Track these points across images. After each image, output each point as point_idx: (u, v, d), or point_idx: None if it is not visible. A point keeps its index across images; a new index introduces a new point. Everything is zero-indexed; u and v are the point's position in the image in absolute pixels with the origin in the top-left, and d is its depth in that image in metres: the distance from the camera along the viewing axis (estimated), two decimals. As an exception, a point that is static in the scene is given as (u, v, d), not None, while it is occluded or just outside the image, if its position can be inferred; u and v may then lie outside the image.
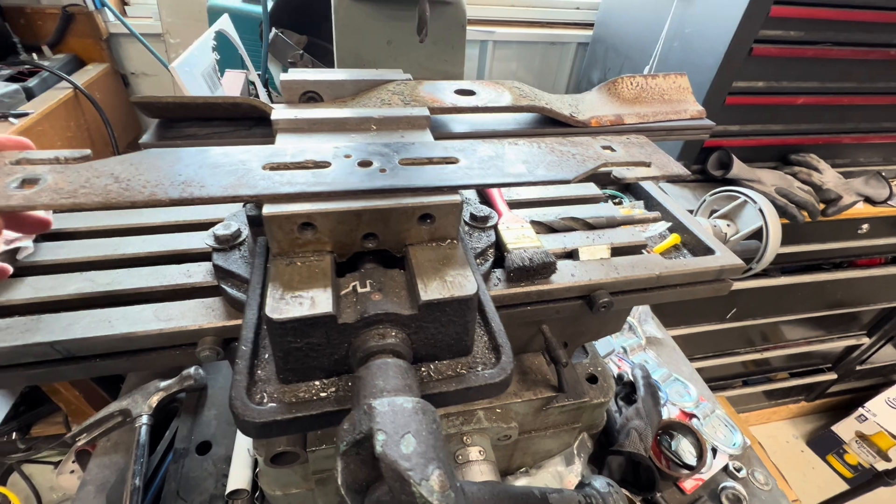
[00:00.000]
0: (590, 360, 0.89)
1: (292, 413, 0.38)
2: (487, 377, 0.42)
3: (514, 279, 0.65)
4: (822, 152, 1.70)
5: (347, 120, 0.55)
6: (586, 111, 0.69)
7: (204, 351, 0.57)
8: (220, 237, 0.63)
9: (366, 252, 0.47)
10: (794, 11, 1.30)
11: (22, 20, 1.58)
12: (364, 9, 0.91)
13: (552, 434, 0.83)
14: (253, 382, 0.41)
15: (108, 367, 0.58)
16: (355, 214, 0.42)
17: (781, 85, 1.46)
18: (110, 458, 0.90)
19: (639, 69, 1.67)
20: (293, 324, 0.37)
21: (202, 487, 0.82)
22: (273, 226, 0.40)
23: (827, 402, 2.94)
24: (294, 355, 0.39)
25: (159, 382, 0.93)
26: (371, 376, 0.35)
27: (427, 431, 0.31)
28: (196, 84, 0.90)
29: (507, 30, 2.06)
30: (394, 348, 0.39)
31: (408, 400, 0.32)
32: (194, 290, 0.62)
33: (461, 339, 0.43)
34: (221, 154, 0.46)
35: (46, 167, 0.42)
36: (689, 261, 0.76)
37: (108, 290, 0.60)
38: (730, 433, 1.01)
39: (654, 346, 1.24)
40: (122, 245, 0.68)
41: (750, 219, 1.00)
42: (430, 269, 0.43)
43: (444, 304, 0.40)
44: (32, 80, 1.41)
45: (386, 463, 0.28)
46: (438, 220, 0.44)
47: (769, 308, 2.08)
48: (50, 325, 0.55)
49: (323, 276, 0.41)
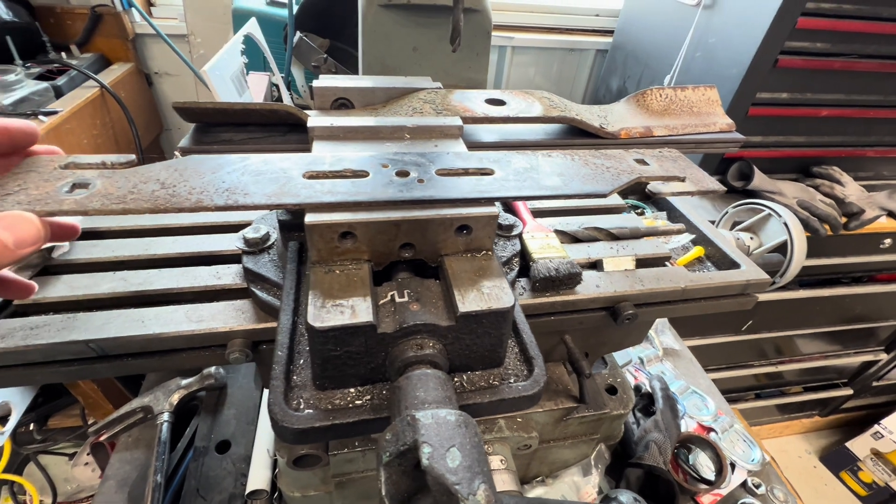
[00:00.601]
0: (609, 370, 0.88)
1: (330, 420, 0.39)
2: (521, 389, 0.42)
3: (539, 289, 0.65)
4: (845, 165, 1.67)
5: (381, 128, 0.56)
6: (615, 123, 0.69)
7: (234, 353, 0.57)
8: (250, 240, 0.63)
9: (400, 261, 0.47)
10: (821, 23, 1.29)
11: (52, 19, 1.61)
12: (392, 16, 0.92)
13: (570, 444, 0.83)
14: (290, 388, 0.42)
15: (139, 367, 0.59)
16: (394, 224, 0.42)
17: (806, 97, 1.44)
18: (131, 453, 0.91)
19: (659, 78, 1.66)
20: (334, 332, 0.37)
21: (221, 486, 0.82)
22: (314, 234, 0.41)
23: (841, 418, 2.89)
24: (332, 363, 0.40)
25: (180, 380, 0.94)
26: (412, 387, 0.36)
27: (471, 445, 0.31)
28: (226, 87, 0.91)
29: (526, 35, 2.06)
30: (432, 359, 0.39)
31: (451, 413, 0.32)
32: (223, 292, 0.63)
33: (495, 350, 0.44)
34: (262, 161, 0.46)
35: (95, 172, 0.43)
36: (715, 274, 0.75)
37: (141, 290, 0.61)
38: (748, 448, 1.00)
39: (671, 357, 1.23)
40: (152, 245, 0.69)
41: (774, 232, 0.99)
42: (466, 281, 0.43)
43: (482, 315, 0.40)
44: (61, 79, 1.44)
45: (433, 476, 0.29)
46: (475, 231, 0.45)
47: (786, 321, 2.06)
48: (85, 323, 0.56)
49: (362, 285, 0.41)
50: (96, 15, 1.62)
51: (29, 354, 0.54)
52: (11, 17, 1.41)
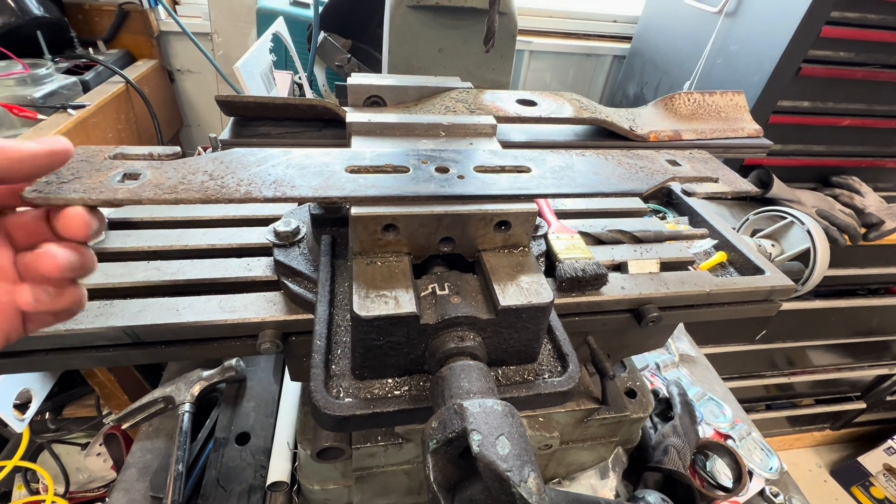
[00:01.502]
0: (628, 374, 0.88)
1: (370, 409, 0.39)
2: (556, 385, 0.43)
3: (566, 289, 0.65)
4: (865, 175, 1.66)
5: (417, 125, 0.57)
6: (644, 125, 0.69)
7: (265, 343, 0.58)
8: (281, 233, 0.64)
9: (437, 255, 0.48)
10: (845, 32, 1.28)
11: (80, 16, 1.65)
12: (419, 17, 0.93)
13: (589, 446, 0.83)
14: (329, 377, 0.42)
15: (172, 354, 0.60)
16: (436, 218, 0.43)
17: (827, 106, 1.43)
18: (152, 442, 0.92)
19: (678, 84, 1.66)
20: (379, 322, 0.38)
21: (241, 477, 0.83)
22: (359, 226, 0.42)
23: (854, 432, 2.84)
24: (374, 352, 0.40)
25: (202, 372, 0.95)
26: (455, 377, 0.36)
27: (518, 434, 0.31)
28: (255, 83, 0.93)
29: (544, 40, 2.07)
30: (472, 351, 0.39)
31: (497, 402, 0.33)
32: (254, 284, 0.64)
33: (531, 345, 0.44)
34: (304, 156, 0.47)
35: (143, 163, 0.44)
36: (739, 279, 0.75)
37: (174, 279, 0.63)
38: (766, 457, 0.99)
39: (688, 363, 1.22)
40: (184, 237, 0.70)
41: (797, 240, 0.98)
42: (504, 276, 0.43)
43: (522, 310, 0.41)
44: (88, 74, 1.47)
45: (484, 463, 0.29)
46: (514, 227, 0.45)
47: (800, 331, 2.04)
48: (122, 310, 0.57)
49: (403, 277, 0.42)
50: (123, 12, 1.65)
51: (68, 339, 0.55)
52: (42, 12, 1.44)
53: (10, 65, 1.33)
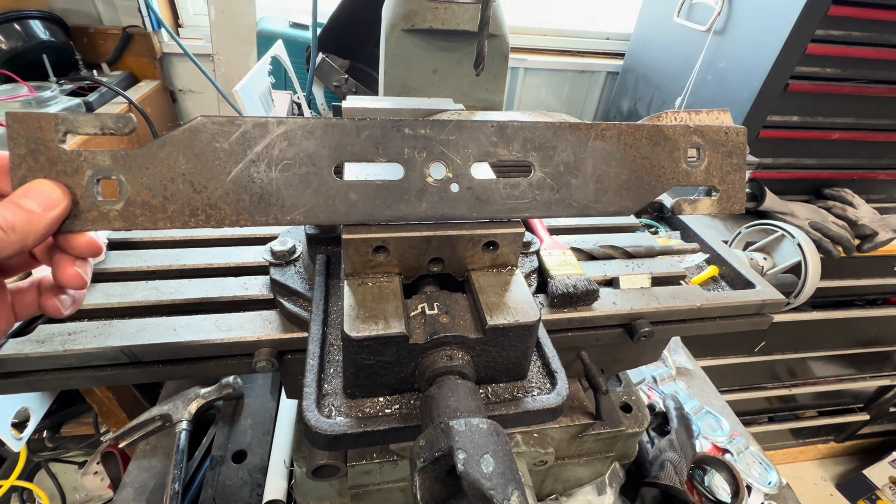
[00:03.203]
0: (623, 388, 0.89)
1: (361, 427, 0.40)
2: (545, 402, 0.44)
3: (557, 305, 0.66)
4: (857, 187, 1.68)
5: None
6: (632, 144, 0.71)
7: (260, 361, 0.59)
8: (277, 253, 0.66)
9: (427, 275, 0.49)
10: (830, 49, 1.32)
11: (85, 39, 1.69)
12: (414, 39, 0.96)
13: (585, 462, 0.83)
14: (321, 396, 0.43)
15: (169, 373, 0.61)
16: (426, 240, 0.44)
17: (816, 120, 1.46)
18: (149, 461, 0.92)
19: (670, 100, 1.69)
20: (368, 342, 0.39)
21: (238, 496, 0.83)
22: (350, 248, 0.43)
23: (858, 444, 2.81)
24: (365, 371, 0.41)
25: (199, 389, 0.96)
26: (443, 396, 0.37)
27: (503, 452, 0.32)
28: (254, 106, 0.95)
29: (539, 58, 2.11)
30: (460, 370, 0.40)
31: (482, 421, 0.34)
32: (251, 303, 0.66)
33: (520, 363, 0.45)
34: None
35: (106, 157, 0.38)
36: (730, 294, 0.76)
37: (172, 298, 0.64)
38: (765, 471, 0.99)
39: (685, 376, 1.22)
40: (182, 256, 0.72)
41: (788, 253, 1.00)
42: (492, 295, 0.45)
43: (509, 329, 0.42)
44: (92, 95, 1.50)
45: (468, 481, 0.30)
46: (502, 247, 0.46)
47: (799, 343, 2.04)
48: (121, 330, 0.58)
49: (393, 297, 0.43)
50: (127, 35, 1.70)
51: (66, 359, 0.56)
52: (48, 36, 1.48)
53: (16, 87, 1.36)
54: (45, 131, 0.36)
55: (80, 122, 0.37)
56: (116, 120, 0.38)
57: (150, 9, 1.65)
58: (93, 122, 0.38)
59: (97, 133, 0.38)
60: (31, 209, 0.35)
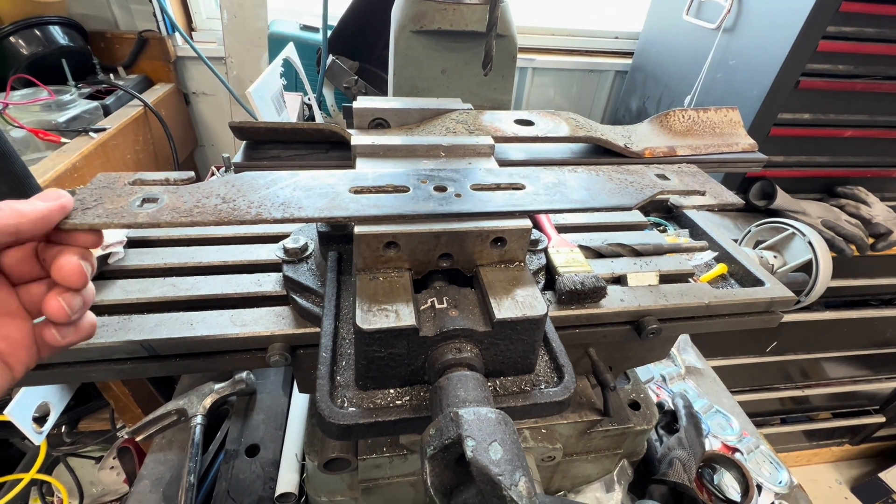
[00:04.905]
0: (632, 386, 0.89)
1: (373, 418, 0.41)
2: (552, 395, 0.44)
3: (565, 302, 0.67)
4: (870, 185, 1.66)
5: (418, 147, 0.60)
6: (640, 142, 0.72)
7: (274, 356, 0.61)
8: (290, 250, 0.67)
9: (437, 270, 0.50)
10: (842, 46, 1.30)
11: (102, 43, 1.73)
12: (422, 40, 0.97)
13: (593, 459, 0.84)
14: (334, 387, 0.45)
15: (186, 367, 0.63)
16: (435, 236, 0.45)
17: (828, 117, 1.44)
18: (165, 454, 0.95)
19: (679, 98, 1.68)
20: (380, 334, 0.40)
21: (251, 489, 0.85)
22: (362, 244, 0.44)
23: (874, 447, 2.77)
24: (376, 364, 0.42)
25: (213, 384, 0.98)
26: (452, 387, 0.38)
27: (511, 441, 0.33)
28: (267, 107, 0.97)
29: (547, 57, 2.11)
30: (469, 362, 0.41)
31: (491, 410, 0.35)
32: (264, 299, 0.67)
33: (527, 356, 0.46)
34: (310, 178, 0.50)
35: (160, 188, 0.47)
36: (739, 291, 0.76)
37: (189, 294, 0.66)
38: (775, 470, 0.98)
39: (694, 375, 1.22)
40: (198, 254, 0.74)
41: (798, 251, 0.99)
42: (500, 290, 0.46)
43: (516, 322, 0.42)
44: (109, 98, 1.54)
45: (477, 467, 0.31)
46: (509, 243, 0.47)
47: (812, 343, 2.01)
48: (140, 324, 0.60)
49: (404, 292, 0.44)
50: (143, 39, 1.74)
51: (89, 352, 0.58)
52: (67, 41, 1.52)
53: (37, 91, 1.40)
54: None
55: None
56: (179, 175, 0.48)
57: (164, 13, 1.69)
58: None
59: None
60: (33, 202, 0.36)
